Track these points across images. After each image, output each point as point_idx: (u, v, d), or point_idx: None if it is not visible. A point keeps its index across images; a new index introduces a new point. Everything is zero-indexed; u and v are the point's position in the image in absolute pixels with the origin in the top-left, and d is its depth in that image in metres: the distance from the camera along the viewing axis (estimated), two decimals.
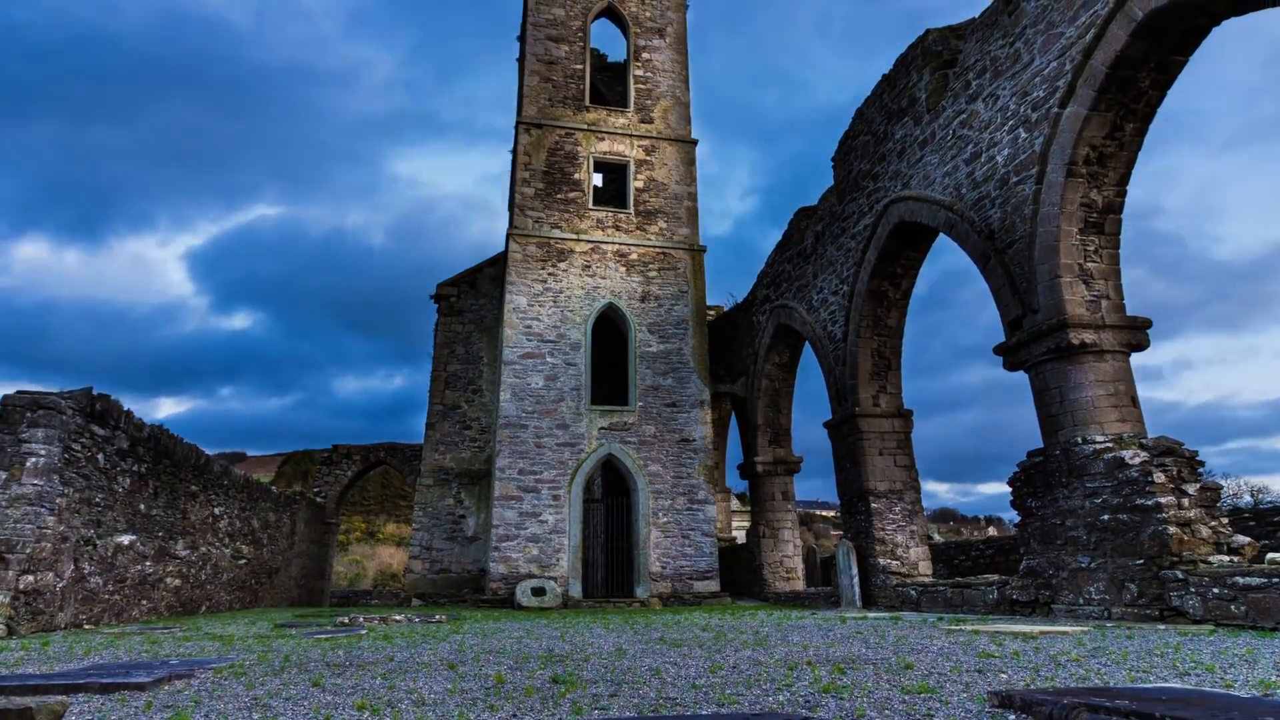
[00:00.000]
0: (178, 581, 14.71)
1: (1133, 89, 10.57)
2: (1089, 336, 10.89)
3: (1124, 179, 11.23)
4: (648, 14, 24.61)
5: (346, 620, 11.89)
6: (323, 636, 9.02)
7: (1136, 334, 11.17)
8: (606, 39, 47.71)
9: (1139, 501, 8.98)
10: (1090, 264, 11.31)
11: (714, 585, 19.71)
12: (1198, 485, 9.01)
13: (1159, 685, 4.33)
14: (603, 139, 22.90)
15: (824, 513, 65.38)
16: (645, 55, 24.20)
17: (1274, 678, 4.60)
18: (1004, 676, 4.88)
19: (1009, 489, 11.42)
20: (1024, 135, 11.92)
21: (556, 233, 21.68)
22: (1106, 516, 9.39)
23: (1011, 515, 12.13)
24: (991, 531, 62.77)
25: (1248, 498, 36.07)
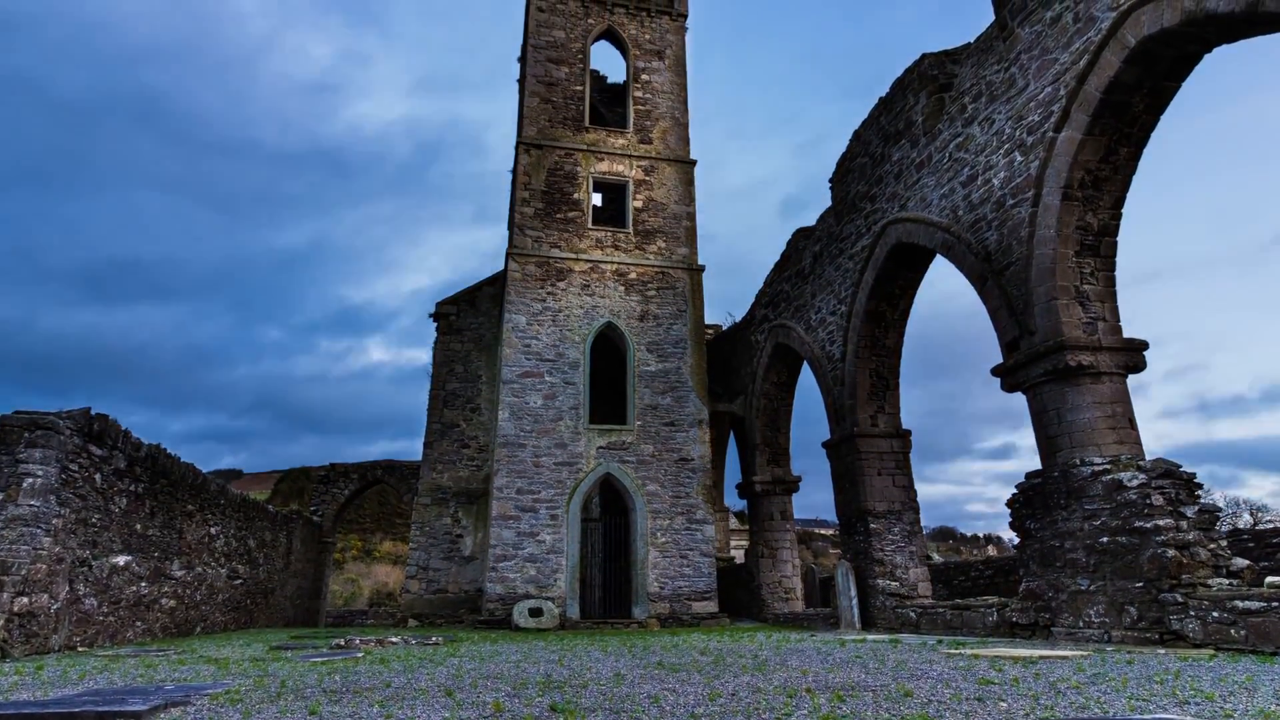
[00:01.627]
0: (173, 602, 14.61)
1: (1126, 114, 10.70)
2: (1086, 358, 10.94)
3: (1119, 202, 11.34)
4: (647, 36, 24.89)
5: (342, 642, 11.81)
6: (319, 660, 8.95)
7: (1133, 355, 11.23)
8: (606, 60, 48.19)
9: (1137, 524, 8.97)
10: (1087, 286, 11.39)
11: (712, 606, 19.60)
12: (1196, 507, 9.01)
13: (1158, 716, 4.33)
14: (602, 159, 23.06)
15: (823, 531, 65.02)
16: (645, 77, 24.44)
17: (1274, 707, 4.59)
18: (1003, 705, 4.86)
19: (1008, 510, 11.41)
20: (1019, 159, 12.04)
21: (556, 252, 21.77)
22: (1105, 539, 9.38)
23: (1011, 534, 12.10)
24: (991, 551, 62.55)
25: (1246, 517, 36.02)
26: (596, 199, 24.23)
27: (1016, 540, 11.45)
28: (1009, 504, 11.33)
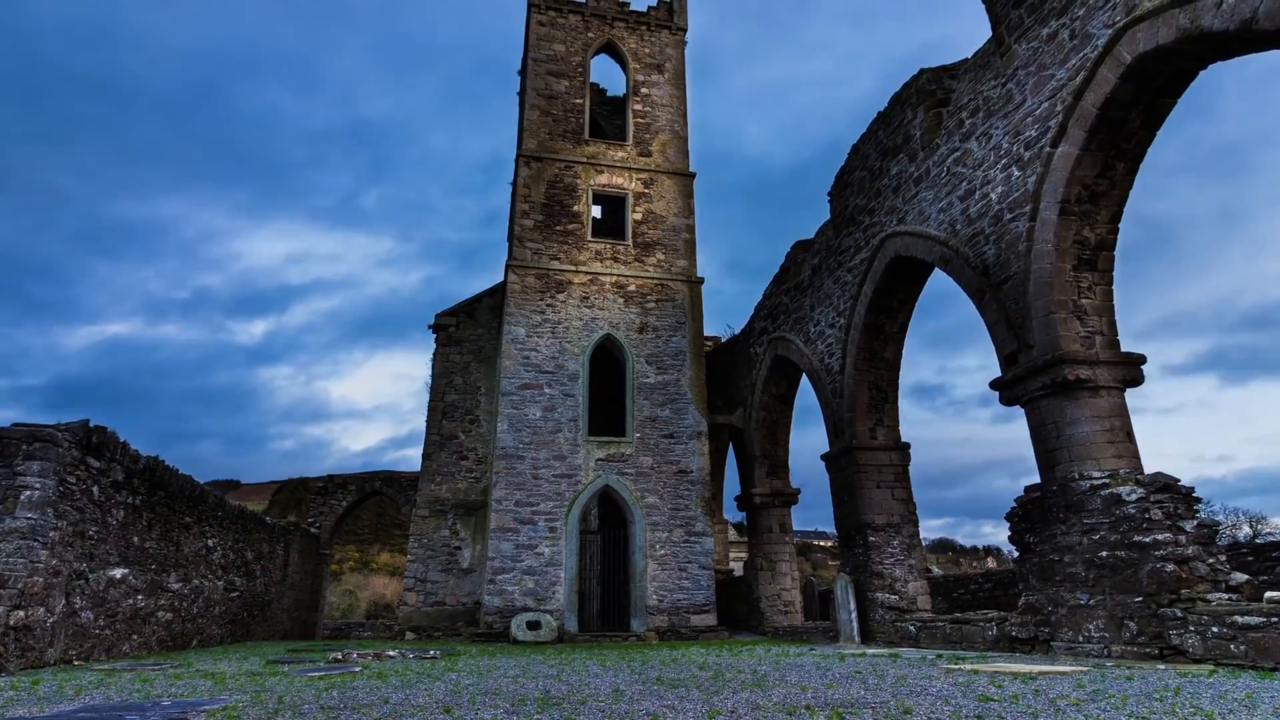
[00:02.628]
0: (169, 615, 14.55)
1: (1123, 130, 10.77)
2: (1084, 372, 10.96)
3: (1116, 217, 11.39)
4: (646, 50, 25.06)
5: (340, 656, 11.75)
6: (316, 675, 8.91)
7: (1131, 370, 11.25)
8: (607, 73, 48.43)
9: (1136, 538, 8.97)
10: (1084, 300, 11.42)
11: (711, 619, 19.53)
12: (1195, 522, 9.01)
13: None
14: (602, 172, 23.17)
15: (822, 543, 64.93)
16: (644, 90, 24.59)
17: None
18: None
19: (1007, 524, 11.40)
20: (1017, 173, 12.10)
21: (555, 264, 21.83)
22: (1105, 553, 9.38)
23: (1010, 547, 12.09)
24: (990, 563, 62.43)
25: (1246, 529, 35.95)
26: (596, 211, 24.33)
27: (1016, 553, 11.44)
28: (1008, 517, 11.32)
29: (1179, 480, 9.28)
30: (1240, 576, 8.73)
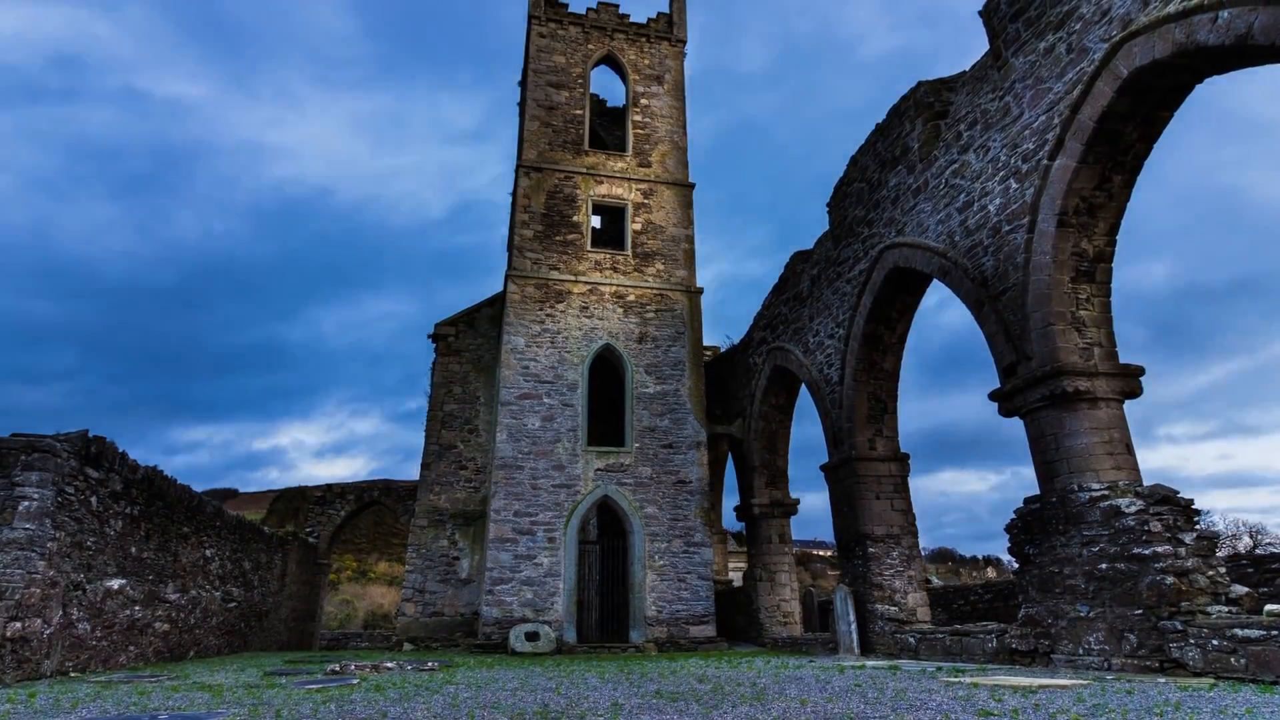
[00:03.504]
0: (166, 626, 14.49)
1: (1120, 143, 10.82)
2: (1083, 384, 10.98)
3: (1113, 229, 11.44)
4: (646, 61, 25.20)
5: (337, 668, 11.71)
6: (314, 687, 8.88)
7: (1129, 381, 11.27)
8: (606, 84, 48.62)
9: (1136, 550, 8.96)
10: (1083, 312, 11.45)
11: (710, 630, 19.47)
12: (1194, 534, 9.00)
13: None
14: (601, 182, 23.25)
15: (821, 552, 64.73)
16: (644, 101, 24.71)
17: None
18: None
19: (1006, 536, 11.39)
20: (1015, 186, 12.16)
21: (555, 274, 21.88)
22: (1104, 565, 9.37)
23: (1010, 558, 12.07)
24: (990, 574, 62.30)
25: (1246, 539, 35.89)
26: (595, 221, 24.38)
27: (1015, 565, 11.43)
28: (1008, 529, 11.30)
29: (1178, 492, 9.27)
30: (1240, 589, 8.72)
